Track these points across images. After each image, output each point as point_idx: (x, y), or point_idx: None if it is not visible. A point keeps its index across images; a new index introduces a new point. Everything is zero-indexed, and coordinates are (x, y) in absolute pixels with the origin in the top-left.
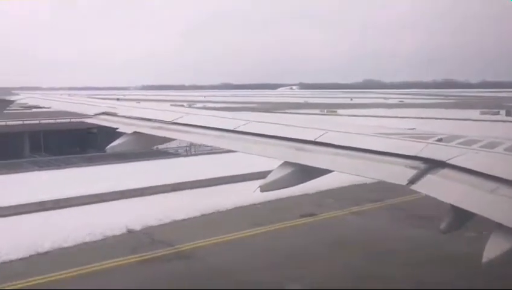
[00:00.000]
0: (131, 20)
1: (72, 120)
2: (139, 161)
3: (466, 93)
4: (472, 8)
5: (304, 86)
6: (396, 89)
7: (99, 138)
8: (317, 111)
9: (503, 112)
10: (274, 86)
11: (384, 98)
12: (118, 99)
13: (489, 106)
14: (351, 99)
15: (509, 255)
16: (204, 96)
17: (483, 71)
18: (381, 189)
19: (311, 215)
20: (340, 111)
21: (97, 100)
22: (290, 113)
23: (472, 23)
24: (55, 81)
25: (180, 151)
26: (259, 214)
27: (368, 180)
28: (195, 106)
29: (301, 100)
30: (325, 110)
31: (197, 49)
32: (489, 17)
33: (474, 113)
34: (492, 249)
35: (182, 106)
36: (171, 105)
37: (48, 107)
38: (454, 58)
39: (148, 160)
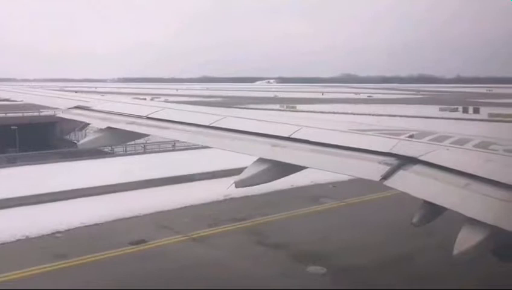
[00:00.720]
0: (110, 12)
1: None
2: (60, 162)
3: (438, 88)
4: (450, 5)
5: (282, 80)
6: (372, 84)
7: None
8: (277, 106)
9: (467, 108)
10: (254, 80)
11: (355, 93)
12: (75, 92)
13: (452, 102)
14: (322, 94)
15: (479, 248)
16: (177, 90)
17: (459, 67)
18: (276, 202)
19: (139, 243)
20: (302, 106)
21: (67, 93)
22: (248, 108)
23: (451, 20)
24: (30, 72)
25: (116, 150)
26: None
27: (285, 187)
28: (157, 99)
29: (271, 94)
30: (285, 106)
31: (178, 42)
32: (467, 15)
33: (433, 110)
34: (463, 242)
35: (144, 99)
36: (133, 98)
37: (19, 101)
38: (432, 54)
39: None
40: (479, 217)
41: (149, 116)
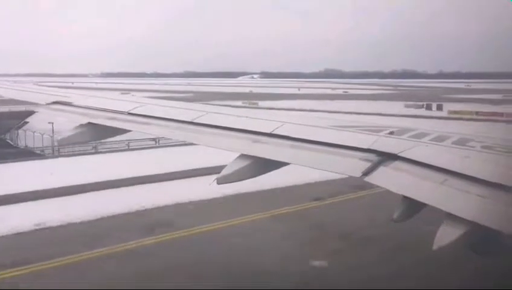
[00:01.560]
0: (94, 7)
1: None
2: None
3: (418, 83)
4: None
5: (266, 75)
6: (355, 79)
7: None
8: (240, 103)
9: (431, 104)
10: (238, 75)
11: (332, 89)
12: (48, 87)
13: (423, 97)
14: (299, 90)
15: (458, 243)
16: (154, 85)
17: (443, 62)
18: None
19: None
20: (267, 103)
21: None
22: (209, 104)
23: (435, 16)
24: (11, 67)
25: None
26: None
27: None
28: (128, 94)
29: (247, 90)
30: (247, 102)
31: (163, 37)
32: (452, 10)
33: (398, 106)
34: (443, 237)
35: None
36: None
37: None
38: (416, 50)
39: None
40: (457, 213)
41: (130, 112)
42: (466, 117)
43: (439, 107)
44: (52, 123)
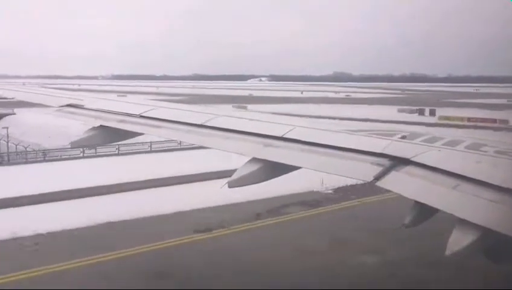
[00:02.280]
0: (105, 9)
1: None
2: None
3: (425, 87)
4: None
5: (274, 78)
6: (363, 82)
7: None
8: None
9: (424, 109)
10: (247, 78)
11: (335, 92)
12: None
13: (423, 102)
14: (302, 93)
15: (470, 249)
16: (157, 88)
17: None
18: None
19: None
20: (258, 107)
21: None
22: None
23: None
24: (22, 69)
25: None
26: None
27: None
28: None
29: (246, 93)
30: (237, 106)
31: (173, 40)
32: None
33: (391, 111)
34: (455, 242)
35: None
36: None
37: (11, 98)
38: (426, 53)
39: None
40: (470, 218)
41: (142, 114)
42: (453, 123)
43: (432, 113)
44: (7, 128)
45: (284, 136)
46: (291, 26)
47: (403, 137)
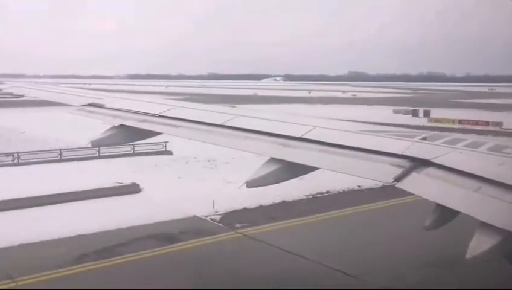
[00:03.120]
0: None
1: None
2: None
3: (440, 87)
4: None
5: (289, 78)
6: (378, 82)
7: None
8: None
9: (418, 110)
10: (261, 77)
11: (343, 92)
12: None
13: (430, 102)
14: (309, 92)
15: (492, 252)
16: (166, 87)
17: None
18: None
19: None
20: (256, 107)
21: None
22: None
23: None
24: (40, 68)
25: None
26: None
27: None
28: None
29: (251, 92)
30: (228, 106)
31: (190, 39)
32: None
33: (388, 112)
34: (476, 246)
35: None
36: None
37: (33, 97)
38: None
39: None
40: (491, 221)
41: (161, 114)
42: (442, 126)
43: (427, 114)
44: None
45: (302, 137)
46: (310, 26)
47: (424, 138)
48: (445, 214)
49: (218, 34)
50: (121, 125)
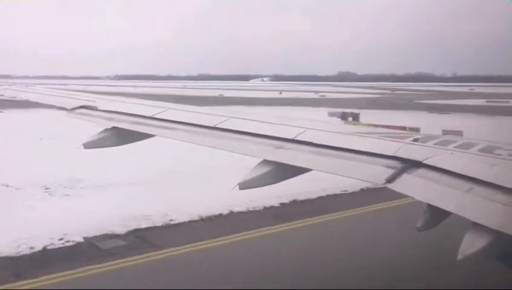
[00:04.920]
0: (110, 9)
1: None
2: None
3: (421, 87)
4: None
5: (277, 78)
6: (365, 82)
7: None
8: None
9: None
10: (252, 77)
11: (315, 92)
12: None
13: (390, 104)
14: (280, 93)
15: (483, 253)
16: (135, 88)
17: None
18: None
19: None
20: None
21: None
22: None
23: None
24: (29, 69)
25: None
26: None
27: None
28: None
29: (216, 94)
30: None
31: (177, 41)
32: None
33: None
34: (468, 246)
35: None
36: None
37: (25, 99)
38: (433, 52)
39: None
40: (483, 222)
41: (154, 116)
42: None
43: (356, 117)
44: None
45: (295, 139)
46: (300, 27)
47: (415, 140)
48: (437, 215)
49: (209, 35)
50: (114, 127)
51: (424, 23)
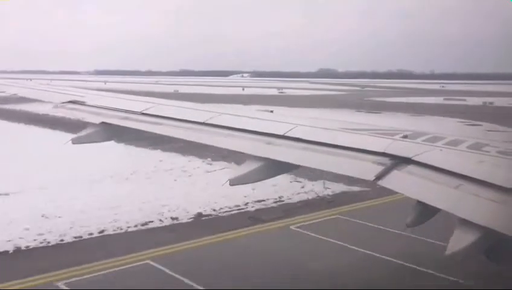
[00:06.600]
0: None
1: None
2: None
3: (394, 84)
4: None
5: (257, 74)
6: (346, 79)
7: None
8: None
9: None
10: (230, 73)
11: (278, 88)
12: None
13: (343, 102)
14: (243, 89)
15: (471, 249)
16: (105, 83)
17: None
18: None
19: None
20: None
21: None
22: None
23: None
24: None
25: None
26: None
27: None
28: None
29: (172, 89)
30: None
31: (162, 35)
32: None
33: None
34: (456, 242)
35: None
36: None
37: (13, 94)
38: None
39: None
40: (471, 218)
41: (143, 112)
42: None
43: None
44: None
45: (285, 135)
46: (284, 25)
47: (405, 136)
48: (426, 212)
49: (192, 30)
50: (102, 123)
51: (409, 22)
